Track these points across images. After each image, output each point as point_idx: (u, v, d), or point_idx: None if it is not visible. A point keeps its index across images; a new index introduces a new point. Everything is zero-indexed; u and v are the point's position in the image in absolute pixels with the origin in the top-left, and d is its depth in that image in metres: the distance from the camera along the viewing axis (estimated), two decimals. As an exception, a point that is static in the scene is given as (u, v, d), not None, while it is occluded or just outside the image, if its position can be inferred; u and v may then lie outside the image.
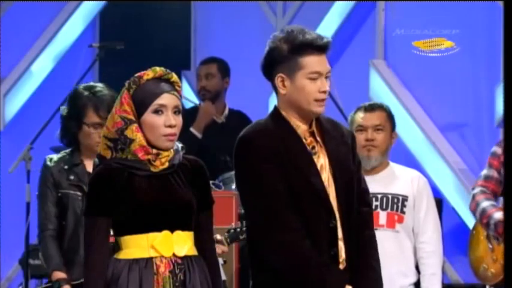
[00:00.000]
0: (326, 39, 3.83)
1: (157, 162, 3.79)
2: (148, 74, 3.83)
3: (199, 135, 7.12)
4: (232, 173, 7.30)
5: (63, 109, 4.92)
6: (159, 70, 3.85)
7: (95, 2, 8.72)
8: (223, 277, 4.08)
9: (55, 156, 4.88)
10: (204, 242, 3.89)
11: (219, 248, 5.11)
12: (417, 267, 5.06)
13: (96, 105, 4.79)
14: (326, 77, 3.83)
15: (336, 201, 3.83)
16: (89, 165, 4.74)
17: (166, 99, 3.80)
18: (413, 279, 5.03)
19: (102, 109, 4.77)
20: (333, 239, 3.79)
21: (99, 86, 4.92)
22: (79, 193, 4.75)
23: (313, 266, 3.77)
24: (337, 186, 3.83)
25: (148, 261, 3.78)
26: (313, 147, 3.85)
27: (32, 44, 8.53)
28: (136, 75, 3.84)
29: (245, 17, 8.43)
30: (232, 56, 7.79)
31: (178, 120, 3.81)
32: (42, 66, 8.60)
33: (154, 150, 3.79)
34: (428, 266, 5.03)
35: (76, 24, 8.68)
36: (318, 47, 3.80)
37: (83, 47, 8.35)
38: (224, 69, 7.33)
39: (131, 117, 3.78)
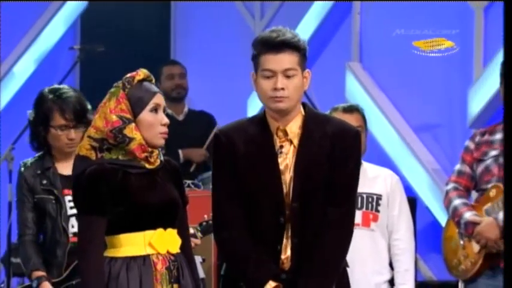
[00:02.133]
0: (280, 37, 3.76)
1: (152, 159, 3.82)
2: (140, 74, 3.87)
3: (182, 159, 7.21)
4: (210, 173, 7.40)
5: (30, 114, 4.89)
6: (145, 72, 3.89)
7: (76, 4, 8.71)
8: (202, 275, 4.10)
9: (29, 161, 4.84)
10: (182, 238, 3.91)
11: (192, 242, 5.15)
12: (391, 264, 5.07)
13: (61, 107, 4.75)
14: (287, 76, 3.76)
15: (294, 200, 3.79)
16: (61, 168, 4.76)
17: (159, 98, 3.85)
18: (388, 276, 5.05)
19: (67, 111, 4.74)
20: (280, 236, 3.78)
21: (65, 88, 4.87)
22: (52, 197, 4.72)
23: (247, 263, 3.79)
24: (299, 187, 3.78)
25: (146, 258, 3.79)
26: (281, 146, 3.81)
27: (14, 46, 8.50)
28: (128, 75, 3.87)
29: (223, 18, 8.42)
30: (211, 57, 7.82)
31: (167, 119, 3.88)
32: (24, 68, 8.58)
33: (149, 149, 3.82)
34: (401, 262, 5.05)
35: (57, 27, 8.66)
36: (272, 46, 3.76)
37: (64, 49, 8.36)
38: (185, 70, 7.46)
39: (129, 116, 3.80)
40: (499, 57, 6.43)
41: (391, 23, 7.39)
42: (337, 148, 3.81)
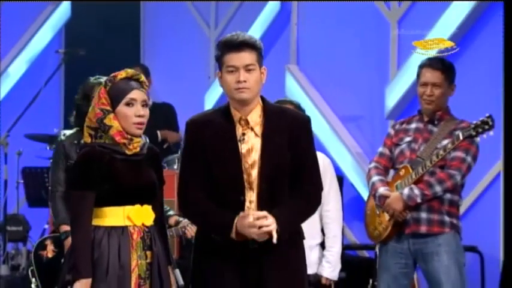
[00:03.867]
0: (240, 39, 3.71)
1: (131, 146, 3.79)
2: (122, 74, 3.84)
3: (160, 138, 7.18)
4: (175, 155, 7.38)
5: (77, 98, 4.92)
6: (130, 71, 3.85)
7: (61, 14, 8.69)
8: (181, 282, 4.05)
9: (68, 132, 4.87)
10: (157, 213, 3.89)
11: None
12: (322, 231, 5.10)
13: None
14: (247, 70, 3.70)
15: (262, 181, 3.70)
16: None
17: (135, 94, 3.80)
18: (319, 240, 5.06)
19: None
20: (239, 210, 3.69)
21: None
22: None
23: (213, 214, 3.73)
24: (261, 167, 3.70)
25: (124, 229, 3.77)
26: (244, 134, 3.73)
27: (9, 50, 8.50)
28: (111, 74, 3.85)
29: (184, 28, 8.39)
30: (175, 58, 7.83)
31: (145, 111, 3.81)
32: (17, 68, 8.56)
33: (128, 136, 3.79)
34: (331, 229, 5.06)
35: (45, 34, 8.64)
36: (234, 46, 3.70)
37: (51, 52, 8.34)
38: (146, 71, 7.27)
39: (108, 108, 3.78)
40: (410, 62, 6.51)
41: (323, 33, 7.43)
42: (295, 133, 3.76)
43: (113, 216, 3.80)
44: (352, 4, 7.21)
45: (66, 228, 4.70)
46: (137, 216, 3.81)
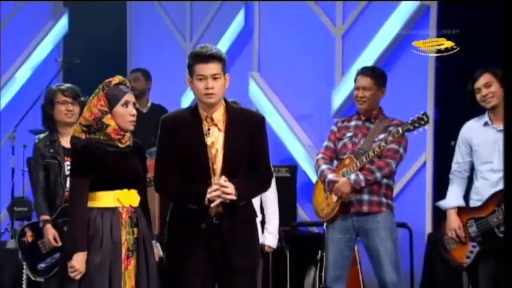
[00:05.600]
0: (208, 52, 3.70)
1: (123, 141, 3.80)
2: (115, 80, 3.85)
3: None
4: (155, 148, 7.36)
5: (42, 104, 4.89)
6: (121, 78, 3.87)
7: (60, 29, 8.62)
8: (161, 253, 4.04)
9: (41, 136, 4.83)
10: (141, 196, 3.90)
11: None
12: (262, 211, 4.97)
13: (61, 89, 4.79)
14: (214, 78, 3.69)
15: (221, 167, 3.71)
16: (63, 141, 4.72)
17: (129, 96, 3.84)
18: (260, 218, 4.89)
19: (66, 91, 4.77)
20: (206, 193, 3.67)
21: (63, 83, 4.95)
22: (56, 161, 4.70)
23: (188, 186, 3.72)
24: (225, 156, 3.71)
25: (115, 209, 3.78)
26: (209, 129, 3.73)
27: (16, 59, 8.42)
28: (106, 80, 3.85)
29: (163, 41, 8.32)
30: (157, 66, 7.81)
31: (135, 111, 3.86)
32: (22, 74, 8.46)
33: (122, 132, 3.80)
34: (269, 207, 4.98)
35: (47, 45, 8.56)
36: (203, 57, 3.70)
37: (51, 60, 8.28)
38: (147, 75, 7.23)
39: (106, 109, 3.79)
40: (352, 70, 6.45)
41: (280, 45, 7.41)
42: (252, 129, 3.77)
43: (105, 199, 3.80)
44: (304, 21, 7.21)
45: (44, 217, 4.66)
46: (125, 198, 3.81)
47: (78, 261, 3.68)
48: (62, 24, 8.65)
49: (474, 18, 6.02)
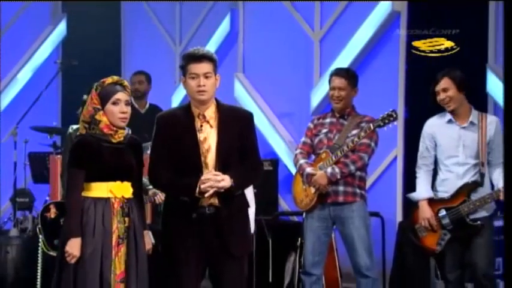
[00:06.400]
0: (201, 52, 3.71)
1: (116, 136, 3.79)
2: (109, 80, 3.83)
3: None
4: (149, 143, 7.32)
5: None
6: (115, 78, 3.85)
7: (59, 33, 8.58)
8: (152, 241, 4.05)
9: (74, 126, 4.83)
10: (136, 188, 3.88)
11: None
12: None
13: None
14: (206, 77, 3.68)
15: (214, 161, 3.68)
16: None
17: (120, 95, 3.80)
18: (254, 209, 4.64)
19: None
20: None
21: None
22: None
23: (179, 180, 3.68)
24: (218, 151, 3.69)
25: (107, 200, 3.77)
26: (201, 126, 3.72)
27: (18, 61, 8.41)
28: (101, 80, 3.84)
29: (154, 44, 8.32)
30: (148, 67, 7.79)
31: (128, 109, 3.82)
32: (24, 75, 8.47)
33: (114, 128, 3.79)
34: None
35: (47, 47, 8.56)
36: (196, 57, 3.70)
37: (51, 62, 8.26)
38: (149, 78, 7.15)
39: (99, 106, 3.79)
40: (329, 71, 6.56)
41: (263, 48, 7.42)
42: (241, 125, 3.76)
43: (98, 189, 3.79)
44: (286, 27, 7.23)
45: None
46: (118, 190, 3.79)
47: (73, 247, 3.68)
48: (61, 29, 8.64)
49: (442, 20, 6.02)
